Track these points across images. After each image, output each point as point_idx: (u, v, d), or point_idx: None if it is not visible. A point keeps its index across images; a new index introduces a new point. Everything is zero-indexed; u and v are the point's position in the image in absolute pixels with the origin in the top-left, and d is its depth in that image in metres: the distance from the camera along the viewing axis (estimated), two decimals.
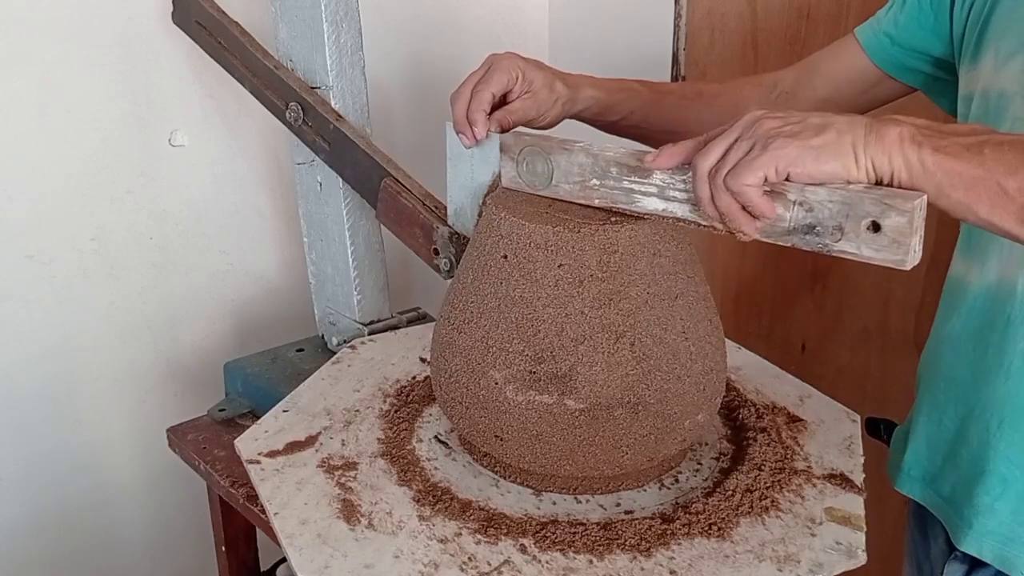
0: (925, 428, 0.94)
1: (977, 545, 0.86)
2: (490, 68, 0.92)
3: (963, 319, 0.88)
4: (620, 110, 1.01)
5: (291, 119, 1.21)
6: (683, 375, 0.84)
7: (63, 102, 1.30)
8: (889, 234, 0.66)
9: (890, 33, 0.96)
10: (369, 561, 0.78)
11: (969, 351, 0.88)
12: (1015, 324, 0.82)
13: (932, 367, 0.94)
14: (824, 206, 0.68)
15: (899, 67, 0.97)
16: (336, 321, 1.33)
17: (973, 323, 0.87)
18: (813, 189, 0.68)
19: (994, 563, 0.86)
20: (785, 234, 0.72)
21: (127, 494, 1.51)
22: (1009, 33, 0.84)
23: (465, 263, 0.90)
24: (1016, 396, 0.83)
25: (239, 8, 1.29)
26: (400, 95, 1.63)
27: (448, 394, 0.89)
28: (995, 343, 0.84)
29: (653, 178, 0.78)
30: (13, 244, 1.31)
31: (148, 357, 1.48)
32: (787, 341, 1.57)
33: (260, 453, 0.93)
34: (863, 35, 0.99)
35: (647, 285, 0.82)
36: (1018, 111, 0.81)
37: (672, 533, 0.81)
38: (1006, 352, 0.83)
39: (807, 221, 0.70)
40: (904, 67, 0.97)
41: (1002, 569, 0.85)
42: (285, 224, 1.55)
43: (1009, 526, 0.85)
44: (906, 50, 0.96)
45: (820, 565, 0.78)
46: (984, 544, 0.86)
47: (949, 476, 0.91)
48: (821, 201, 0.68)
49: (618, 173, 0.81)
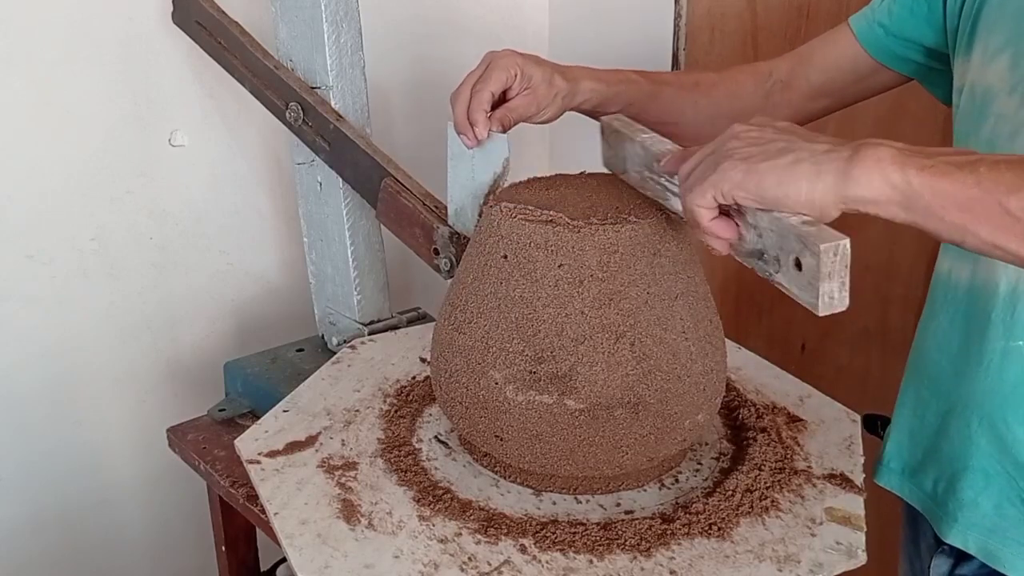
0: (908, 422, 0.94)
1: (962, 538, 0.87)
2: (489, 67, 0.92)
3: (947, 316, 0.89)
4: (619, 102, 1.01)
5: (291, 119, 1.21)
6: (683, 375, 0.84)
7: (63, 102, 1.30)
8: (807, 274, 0.63)
9: (883, 23, 0.96)
10: (369, 561, 0.78)
11: (952, 348, 0.88)
12: (996, 323, 0.82)
13: (917, 362, 0.95)
14: (768, 234, 0.66)
15: (892, 56, 0.97)
16: (336, 321, 1.33)
17: (957, 320, 0.87)
18: (760, 215, 0.67)
19: (979, 555, 0.86)
20: (747, 255, 0.70)
21: (127, 494, 1.51)
22: (997, 28, 0.83)
23: (465, 263, 0.90)
24: (997, 394, 0.83)
25: (239, 8, 1.29)
26: (400, 95, 1.63)
27: (448, 394, 0.89)
28: (977, 341, 0.84)
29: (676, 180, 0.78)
30: (13, 244, 1.31)
31: (148, 357, 1.48)
32: (787, 341, 1.57)
33: (260, 453, 0.93)
34: (857, 24, 0.99)
35: (647, 285, 0.82)
36: (1002, 107, 0.81)
37: (672, 533, 0.81)
38: (987, 350, 0.83)
39: (758, 246, 0.68)
40: (897, 56, 0.97)
41: (986, 561, 0.86)
42: (285, 224, 1.55)
43: (992, 519, 0.85)
44: (899, 40, 0.96)
45: (820, 565, 0.78)
46: (969, 537, 0.87)
47: (931, 470, 0.91)
48: (765, 228, 0.67)
49: (659, 169, 0.81)
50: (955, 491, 0.87)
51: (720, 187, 0.67)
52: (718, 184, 0.67)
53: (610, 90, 1.00)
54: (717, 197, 0.68)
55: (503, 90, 0.92)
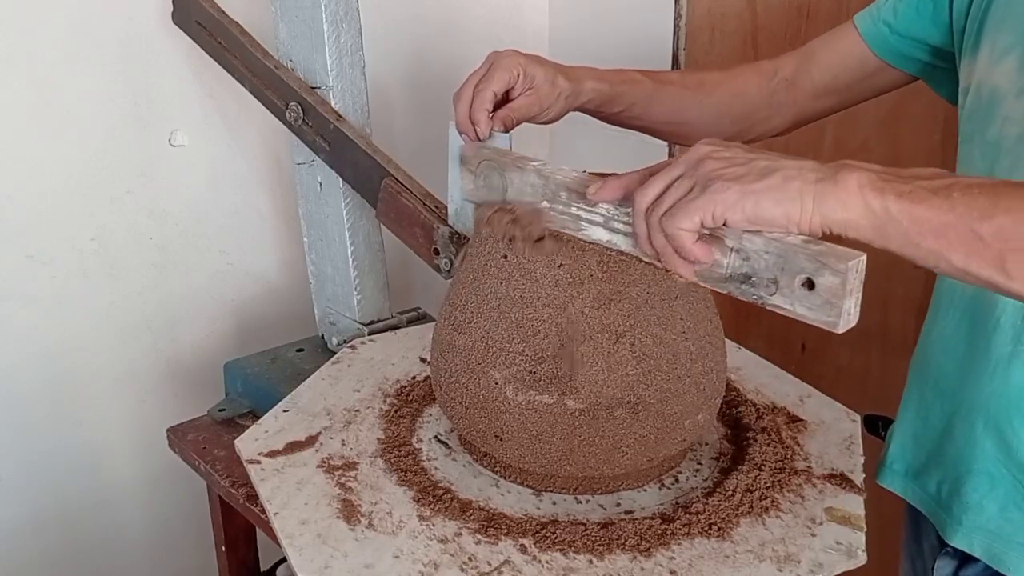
0: (912, 424, 0.94)
1: (967, 540, 0.87)
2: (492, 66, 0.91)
3: (953, 318, 0.88)
4: (622, 102, 1.01)
5: (291, 119, 1.21)
6: (683, 375, 0.84)
7: (63, 102, 1.30)
8: (822, 294, 0.62)
9: (888, 21, 0.96)
10: (369, 561, 0.78)
11: (958, 350, 0.88)
12: (1005, 327, 0.82)
13: (921, 364, 0.94)
14: (760, 256, 0.65)
15: (897, 55, 0.97)
16: (336, 321, 1.33)
17: (963, 323, 0.87)
18: (750, 237, 0.65)
19: (984, 558, 0.86)
20: (722, 280, 0.68)
21: (127, 494, 1.51)
22: (1004, 28, 0.83)
23: (465, 263, 0.90)
24: (1003, 397, 0.83)
25: (239, 8, 1.29)
26: (400, 95, 1.63)
27: (448, 394, 0.89)
28: (983, 345, 0.84)
29: (599, 208, 0.76)
30: (13, 244, 1.31)
31: (148, 357, 1.48)
32: (787, 341, 1.57)
33: (260, 453, 0.93)
34: (862, 23, 0.98)
35: (647, 285, 0.82)
36: (1009, 110, 0.81)
37: (672, 533, 0.81)
38: (993, 354, 0.83)
39: (743, 270, 0.66)
40: (902, 55, 0.97)
41: (991, 564, 0.85)
42: (285, 224, 1.55)
43: (997, 523, 0.85)
44: (904, 39, 0.95)
45: (820, 565, 0.78)
46: (974, 540, 0.86)
47: (935, 472, 0.91)
48: (758, 251, 0.65)
49: (567, 198, 0.78)
50: (960, 494, 0.87)
51: (711, 210, 0.64)
52: (708, 207, 0.64)
53: (613, 90, 1.00)
54: (707, 220, 0.65)
55: (506, 90, 0.92)
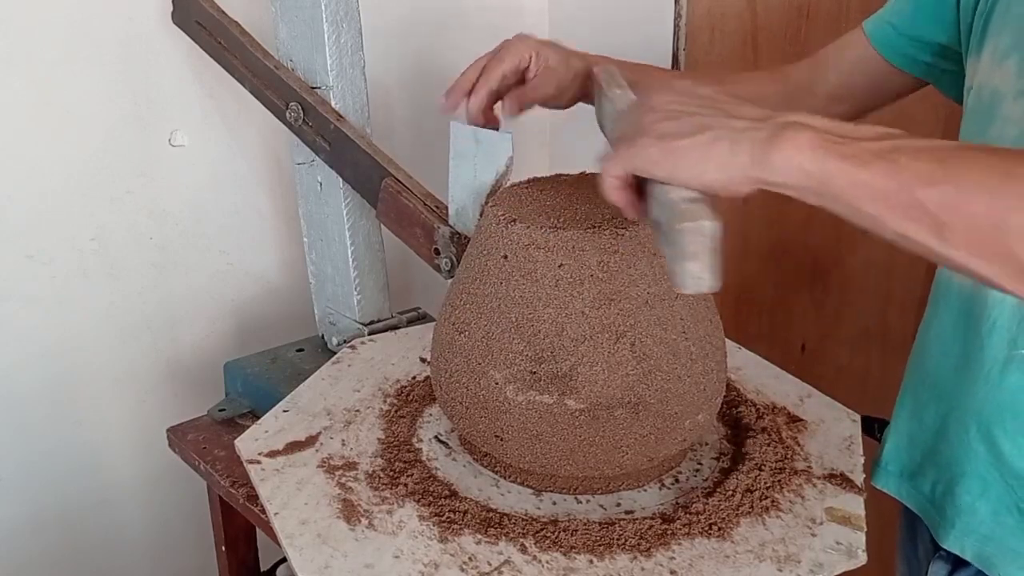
0: (907, 424, 0.94)
1: (959, 544, 0.86)
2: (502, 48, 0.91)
3: (949, 319, 0.88)
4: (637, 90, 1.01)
5: (291, 119, 1.21)
6: (683, 375, 0.84)
7: (63, 102, 1.30)
8: (676, 250, 0.62)
9: (893, 22, 0.96)
10: (369, 561, 0.78)
11: (954, 351, 0.87)
12: (1000, 330, 0.82)
13: (917, 364, 0.94)
14: (661, 206, 0.65)
15: (904, 57, 0.97)
16: (336, 321, 1.33)
17: (959, 324, 0.87)
18: (655, 186, 0.66)
19: (975, 562, 0.85)
20: (653, 224, 0.68)
21: (127, 494, 1.51)
22: (1006, 29, 0.83)
23: (466, 263, 0.90)
24: (995, 402, 0.82)
25: (239, 8, 1.28)
26: (400, 95, 1.63)
27: (448, 394, 0.89)
28: (978, 347, 0.84)
29: None
30: (13, 244, 1.31)
31: (148, 357, 1.47)
32: (787, 341, 1.57)
33: (260, 453, 0.93)
34: (869, 26, 0.99)
35: (647, 285, 0.82)
36: (1008, 111, 0.81)
37: (672, 533, 0.81)
38: (988, 357, 0.83)
39: (655, 216, 0.67)
40: (909, 57, 0.97)
41: (983, 568, 0.85)
42: (285, 224, 1.55)
43: (989, 526, 0.85)
44: (910, 39, 0.95)
45: (820, 565, 0.78)
46: (966, 543, 0.86)
47: (929, 473, 0.91)
48: (658, 200, 0.66)
49: None
50: (953, 496, 0.87)
51: (634, 163, 0.66)
52: (632, 160, 0.66)
53: (629, 75, 0.99)
54: (630, 170, 0.67)
55: (518, 71, 0.91)
